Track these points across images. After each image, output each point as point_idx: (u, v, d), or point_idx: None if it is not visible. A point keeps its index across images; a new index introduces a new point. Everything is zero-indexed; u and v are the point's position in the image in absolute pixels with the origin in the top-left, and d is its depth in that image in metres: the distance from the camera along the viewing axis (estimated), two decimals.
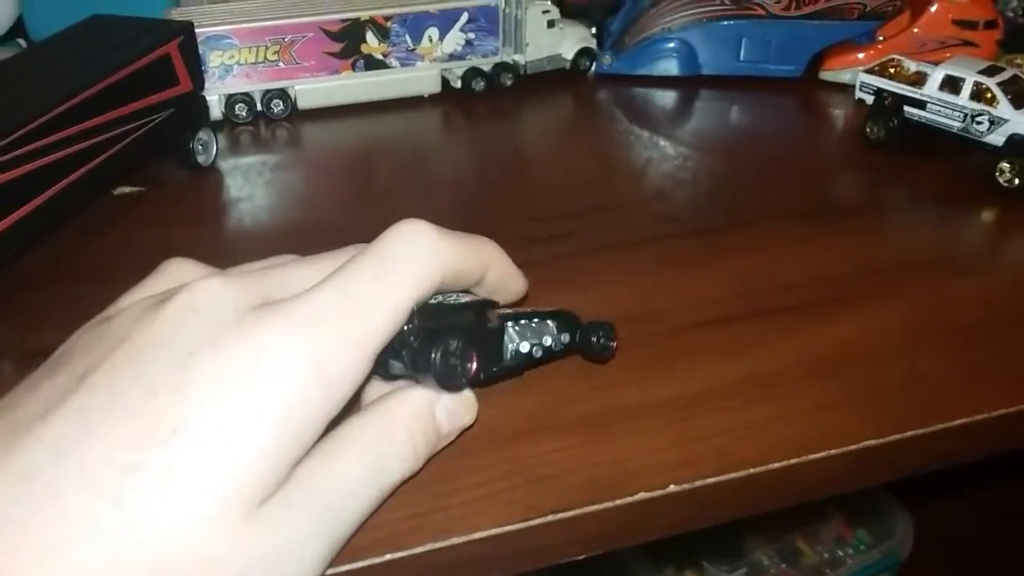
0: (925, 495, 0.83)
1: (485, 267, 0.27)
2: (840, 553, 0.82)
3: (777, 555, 0.81)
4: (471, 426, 0.28)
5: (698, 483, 0.27)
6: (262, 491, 0.21)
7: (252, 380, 0.21)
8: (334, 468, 0.23)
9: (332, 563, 0.24)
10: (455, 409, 0.27)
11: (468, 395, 0.27)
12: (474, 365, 0.26)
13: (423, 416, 0.26)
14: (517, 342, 0.28)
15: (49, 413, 0.21)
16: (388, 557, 0.25)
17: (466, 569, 0.26)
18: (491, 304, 0.28)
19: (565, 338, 0.30)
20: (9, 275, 0.36)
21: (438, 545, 0.25)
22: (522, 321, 0.29)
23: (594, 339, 0.30)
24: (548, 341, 0.29)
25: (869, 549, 0.83)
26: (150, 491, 0.20)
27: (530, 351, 0.29)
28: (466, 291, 0.28)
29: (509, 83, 0.61)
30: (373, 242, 0.25)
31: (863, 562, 0.82)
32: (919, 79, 0.50)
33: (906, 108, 0.50)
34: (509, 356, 0.28)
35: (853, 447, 0.29)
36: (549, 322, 0.29)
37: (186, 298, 0.23)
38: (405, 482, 0.25)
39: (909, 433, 0.30)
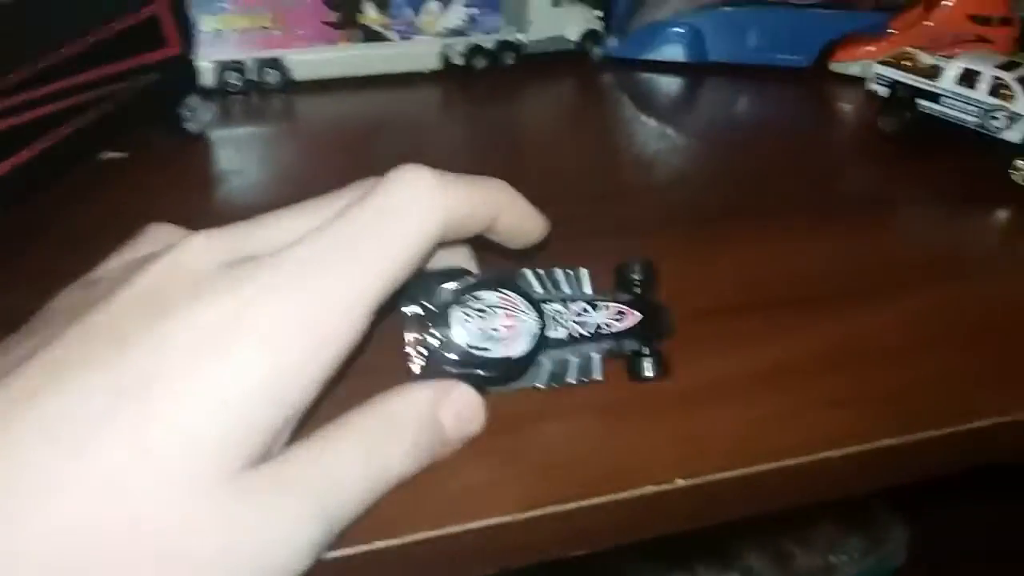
0: (920, 504, 0.82)
1: (495, 213, 0.25)
2: (833, 559, 0.80)
3: (769, 560, 0.79)
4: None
5: (706, 478, 0.26)
6: (243, 453, 0.19)
7: (233, 337, 0.20)
8: (333, 454, 0.21)
9: None
10: (462, 413, 0.25)
11: (476, 400, 0.25)
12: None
13: (425, 417, 0.24)
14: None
15: (17, 367, 0.20)
16: (377, 545, 0.23)
17: (458, 561, 0.25)
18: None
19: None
20: None
21: (430, 535, 0.23)
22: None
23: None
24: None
25: (863, 556, 0.82)
26: (118, 446, 0.18)
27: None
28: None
29: (511, 62, 0.59)
30: (369, 190, 0.23)
31: (855, 570, 0.81)
32: (934, 72, 0.49)
33: (920, 101, 0.48)
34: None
35: (868, 447, 0.28)
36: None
37: (170, 257, 0.22)
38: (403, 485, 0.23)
39: (924, 435, 0.28)
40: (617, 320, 0.28)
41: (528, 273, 0.27)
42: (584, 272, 0.28)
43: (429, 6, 0.56)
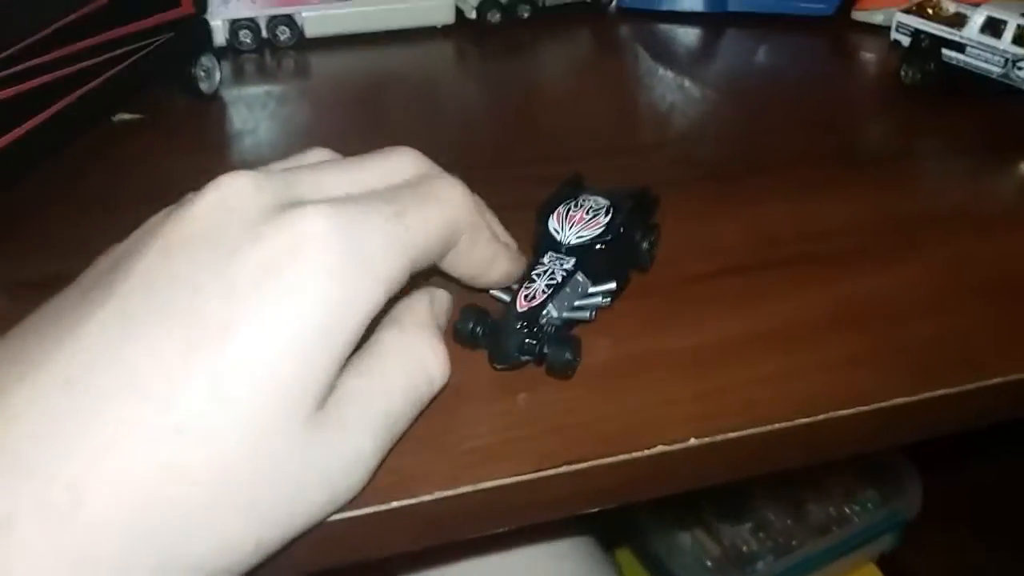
0: (935, 457, 0.82)
1: (494, 256, 0.27)
2: (847, 510, 0.81)
3: (784, 510, 0.80)
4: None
5: (719, 437, 0.26)
6: (314, 394, 0.21)
7: (295, 274, 0.20)
8: (380, 378, 0.23)
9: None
10: (445, 305, 0.28)
11: (447, 297, 0.28)
12: None
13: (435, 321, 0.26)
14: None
15: (88, 319, 0.20)
16: (394, 504, 0.23)
17: (473, 520, 0.25)
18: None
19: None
20: None
21: (445, 494, 0.24)
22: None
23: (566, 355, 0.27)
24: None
25: (876, 508, 0.82)
26: (203, 398, 0.19)
27: None
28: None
29: (526, 15, 0.58)
30: (418, 176, 0.25)
31: (869, 520, 0.82)
32: (958, 20, 0.47)
33: (944, 51, 0.47)
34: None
35: (881, 405, 0.28)
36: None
37: (215, 195, 0.22)
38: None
39: (939, 392, 0.28)
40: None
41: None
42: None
43: None
